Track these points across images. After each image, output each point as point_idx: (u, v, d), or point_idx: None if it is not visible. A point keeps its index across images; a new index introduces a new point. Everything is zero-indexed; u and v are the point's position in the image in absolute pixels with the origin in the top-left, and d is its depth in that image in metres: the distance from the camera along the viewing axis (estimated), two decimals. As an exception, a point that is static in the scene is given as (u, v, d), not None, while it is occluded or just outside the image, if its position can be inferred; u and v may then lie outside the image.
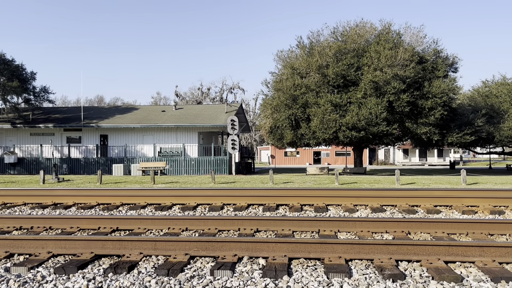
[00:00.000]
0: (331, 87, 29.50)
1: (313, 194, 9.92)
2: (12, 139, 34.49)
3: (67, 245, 5.40)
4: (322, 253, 5.05)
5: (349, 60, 28.58)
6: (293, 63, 30.85)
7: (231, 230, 6.80)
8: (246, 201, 9.66)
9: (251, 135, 78.05)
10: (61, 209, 9.58)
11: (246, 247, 5.18)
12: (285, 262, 4.82)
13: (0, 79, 31.16)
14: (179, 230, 6.78)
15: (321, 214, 8.73)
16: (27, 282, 4.45)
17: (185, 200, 9.88)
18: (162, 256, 5.25)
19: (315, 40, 31.63)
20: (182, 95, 76.05)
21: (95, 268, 4.89)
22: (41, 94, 34.96)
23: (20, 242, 5.48)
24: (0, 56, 31.79)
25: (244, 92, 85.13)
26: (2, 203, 10.23)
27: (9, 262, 5.14)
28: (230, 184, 17.65)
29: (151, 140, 33.24)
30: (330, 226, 6.62)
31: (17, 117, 33.75)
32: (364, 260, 5.04)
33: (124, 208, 9.56)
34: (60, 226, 7.10)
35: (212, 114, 34.90)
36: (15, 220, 7.27)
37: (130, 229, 6.96)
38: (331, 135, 28.08)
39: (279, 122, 30.27)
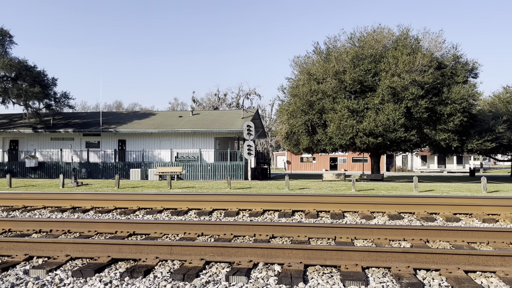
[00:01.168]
0: (348, 93, 29.32)
1: (330, 201, 9.84)
2: (33, 143, 35.21)
3: (85, 248, 5.46)
4: (339, 261, 5.00)
5: (366, 65, 28.40)
6: (309, 68, 30.79)
7: (246, 235, 6.79)
8: (261, 207, 9.64)
9: (267, 140, 78.04)
10: (80, 213, 9.71)
11: (261, 253, 5.16)
12: (301, 269, 4.78)
13: (22, 85, 31.87)
14: (194, 235, 6.80)
15: (338, 220, 8.65)
16: (45, 284, 4.52)
17: (201, 205, 9.92)
18: (178, 261, 5.27)
19: (332, 46, 31.54)
20: (199, 101, 76.65)
21: (112, 271, 4.93)
22: (61, 100, 35.60)
23: (39, 245, 5.57)
24: (23, 63, 32.55)
25: (260, 98, 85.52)
26: (23, 206, 10.43)
27: (28, 265, 5.23)
28: (246, 189, 17.66)
29: (168, 145, 33.51)
30: (346, 233, 6.55)
31: (38, 122, 34.46)
32: (381, 268, 4.96)
33: (141, 213, 9.64)
34: (78, 230, 7.20)
35: (228, 119, 35.04)
36: (34, 223, 7.40)
37: (146, 233, 7.01)
38: (348, 141, 27.86)
39: (295, 127, 30.19)
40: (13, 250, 5.55)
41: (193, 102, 74.97)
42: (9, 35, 33.21)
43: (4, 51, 33.00)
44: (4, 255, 5.51)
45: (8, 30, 32.92)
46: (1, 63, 30.14)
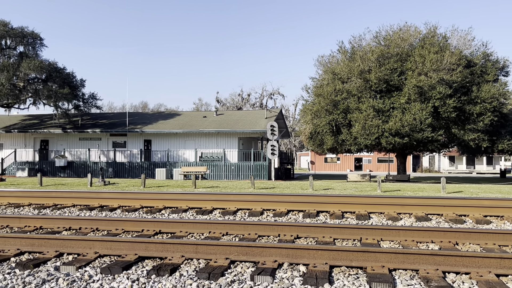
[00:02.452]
0: (373, 92, 28.93)
1: (355, 201, 9.73)
2: (63, 143, 36.19)
3: (113, 246, 5.57)
4: (365, 262, 4.93)
5: (392, 64, 27.97)
6: (334, 68, 30.55)
7: (271, 235, 6.78)
8: (286, 207, 9.62)
9: (291, 140, 77.81)
10: (107, 211, 9.92)
11: (286, 253, 5.15)
12: (326, 269, 4.75)
13: (52, 86, 32.80)
14: (219, 235, 6.84)
15: (363, 221, 8.54)
16: (75, 281, 4.63)
17: (225, 205, 9.97)
18: (203, 260, 5.31)
19: (357, 45, 31.20)
20: (222, 101, 77.14)
21: (139, 269, 5.01)
22: (89, 101, 36.47)
23: (69, 242, 5.72)
24: (53, 65, 33.51)
25: (284, 98, 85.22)
26: (53, 204, 10.73)
27: (58, 261, 5.37)
28: (270, 189, 17.65)
29: (192, 145, 33.85)
30: (372, 234, 6.46)
31: (67, 123, 35.40)
32: (408, 270, 4.87)
33: (167, 212, 9.77)
34: (106, 228, 7.35)
35: (252, 119, 35.11)
36: (64, 221, 7.60)
37: (172, 232, 7.10)
38: (373, 141, 27.49)
39: (320, 127, 29.99)
40: (44, 247, 5.71)
41: (217, 102, 75.52)
42: (40, 38, 34.25)
43: (35, 54, 34.04)
44: (36, 251, 5.68)
45: (39, 33, 33.97)
46: (32, 65, 31.09)
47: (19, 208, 10.53)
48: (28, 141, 36.54)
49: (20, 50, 34.07)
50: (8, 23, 32.50)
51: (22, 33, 33.05)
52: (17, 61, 32.38)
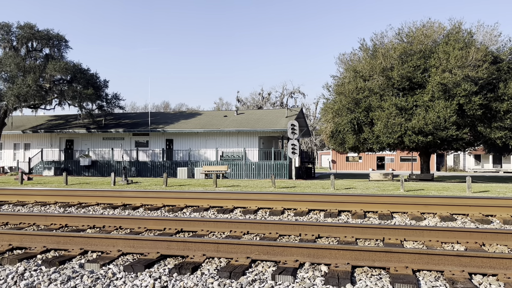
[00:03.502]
0: (395, 90, 28.49)
1: (377, 201, 9.60)
2: (87, 143, 36.95)
3: (136, 244, 5.64)
4: (388, 262, 4.85)
5: (415, 61, 27.47)
6: (355, 66, 30.21)
7: (292, 235, 6.75)
8: (306, 206, 9.56)
9: (312, 139, 77.38)
10: (130, 209, 10.07)
11: (307, 252, 5.11)
12: (348, 270, 4.69)
13: (77, 87, 33.48)
14: (240, 233, 6.84)
15: (386, 221, 8.41)
16: (99, 278, 4.71)
17: (246, 204, 9.98)
18: (224, 259, 5.33)
19: (379, 42, 30.76)
20: (243, 100, 77.28)
21: (161, 267, 5.06)
22: (112, 101, 37.06)
23: (93, 240, 5.82)
24: (77, 66, 34.20)
25: (304, 97, 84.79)
26: (78, 202, 10.96)
27: (83, 259, 5.48)
28: (290, 188, 17.59)
29: (213, 144, 34.05)
30: (395, 234, 6.36)
31: (91, 123, 36.11)
32: (433, 271, 4.77)
33: (188, 210, 9.85)
34: (129, 226, 7.46)
35: (272, 118, 35.07)
36: (89, 219, 7.75)
37: (193, 230, 7.15)
38: (396, 139, 27.06)
39: (341, 126, 29.71)
40: (69, 245, 5.83)
41: (238, 101, 75.70)
42: (65, 40, 35.02)
43: (60, 55, 34.83)
44: (62, 249, 5.80)
45: (63, 35, 34.74)
46: (58, 67, 31.81)
47: (45, 206, 10.80)
48: (54, 141, 37.45)
49: (46, 52, 34.92)
50: (34, 26, 33.35)
51: (48, 35, 33.86)
52: (43, 63, 33.20)
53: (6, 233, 6.14)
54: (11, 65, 31.06)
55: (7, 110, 33.41)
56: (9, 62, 31.15)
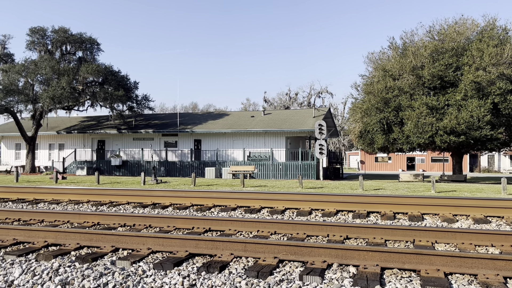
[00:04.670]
0: (426, 89, 27.85)
1: (407, 202, 9.40)
2: (118, 143, 37.84)
3: (165, 242, 5.74)
4: (418, 265, 4.75)
5: (447, 60, 26.77)
6: (384, 65, 29.70)
7: (319, 235, 6.70)
8: (334, 207, 9.47)
9: (339, 140, 76.59)
10: (159, 208, 10.24)
11: (335, 253, 5.06)
12: (377, 271, 4.62)
13: (108, 89, 34.37)
14: (267, 233, 6.85)
15: (416, 223, 8.23)
16: (130, 275, 4.81)
17: (273, 204, 9.98)
18: (252, 258, 5.34)
19: (409, 40, 30.15)
20: (270, 101, 77.31)
21: (189, 266, 5.12)
22: (142, 102, 37.87)
23: (124, 238, 5.96)
24: (108, 68, 35.12)
25: (332, 96, 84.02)
26: (109, 201, 11.24)
27: (114, 256, 5.61)
28: (318, 189, 17.47)
29: (240, 145, 34.20)
30: (426, 236, 6.21)
31: (122, 124, 36.98)
32: (466, 275, 4.63)
33: (216, 210, 9.93)
34: (158, 225, 7.59)
35: (299, 119, 34.92)
36: (120, 218, 7.93)
37: (221, 230, 7.20)
38: (427, 139, 26.44)
39: (370, 126, 29.28)
40: (101, 242, 5.98)
41: (265, 102, 75.78)
42: (97, 43, 36.01)
43: (93, 58, 35.84)
44: (94, 246, 5.96)
45: (96, 39, 35.74)
46: (90, 69, 32.75)
47: (78, 204, 11.13)
48: (86, 141, 38.55)
49: (79, 55, 36.04)
50: (68, 30, 34.45)
51: (81, 39, 34.91)
52: (76, 66, 34.25)
53: (41, 230, 6.36)
54: (46, 68, 32.18)
55: (43, 111, 34.65)
56: (45, 65, 32.28)
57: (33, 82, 33.97)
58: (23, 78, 33.55)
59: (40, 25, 34.47)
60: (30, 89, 33.94)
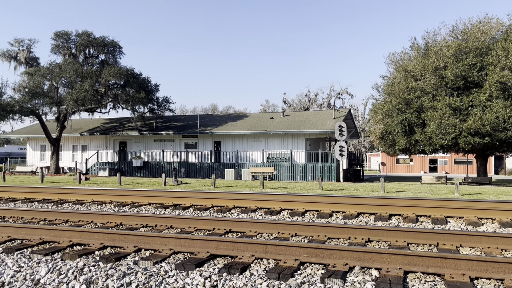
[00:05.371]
0: (449, 90, 27.31)
1: (430, 205, 9.24)
2: (139, 145, 38.37)
3: (186, 243, 5.79)
4: (443, 269, 4.67)
5: (471, 59, 26.19)
6: (406, 65, 29.26)
7: (341, 238, 6.65)
8: (356, 209, 9.38)
9: (360, 141, 75.83)
10: (180, 209, 10.34)
11: (357, 256, 5.02)
12: (400, 275, 4.55)
13: (130, 91, 34.91)
14: (288, 235, 6.84)
15: (440, 226, 8.09)
16: (152, 275, 4.87)
17: (293, 206, 9.95)
18: (273, 260, 5.34)
19: (431, 40, 29.62)
20: (289, 102, 77.14)
21: (211, 267, 5.16)
22: (163, 104, 38.31)
23: (147, 238, 6.04)
24: (130, 71, 35.66)
25: (352, 97, 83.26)
26: (131, 202, 11.41)
27: (137, 256, 5.69)
28: (338, 191, 17.33)
29: (260, 146, 34.23)
30: (450, 239, 6.09)
31: (143, 125, 37.49)
32: (492, 279, 4.53)
33: (236, 211, 9.97)
34: (179, 226, 7.66)
35: (319, 120, 34.73)
36: (142, 218, 8.04)
37: (241, 231, 7.22)
38: (450, 141, 25.92)
39: (391, 127, 28.88)
40: (124, 242, 6.08)
41: (284, 103, 75.65)
42: (119, 46, 36.64)
43: (115, 61, 36.47)
44: (117, 246, 6.06)
45: (118, 42, 36.37)
46: (112, 72, 33.32)
47: (101, 205, 11.33)
48: (108, 142, 39.21)
49: (102, 58, 36.72)
50: (91, 34, 35.15)
51: (103, 42, 35.57)
52: (99, 69, 34.91)
53: (67, 230, 6.50)
54: (70, 71, 32.90)
55: (67, 113, 35.42)
56: (69, 69, 33.01)
57: (57, 85, 34.79)
58: (48, 81, 34.40)
59: (64, 29, 35.31)
60: (55, 91, 34.76)
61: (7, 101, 32.88)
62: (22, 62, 36.02)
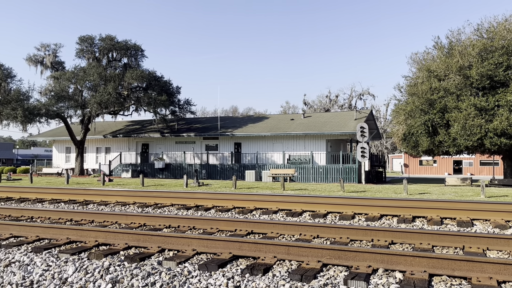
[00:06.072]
0: (474, 90, 26.72)
1: (455, 207, 9.07)
2: (161, 147, 38.86)
3: (209, 244, 5.84)
4: (469, 272, 4.58)
5: (497, 58, 25.56)
6: (429, 65, 28.77)
7: (363, 240, 6.59)
8: (378, 211, 9.28)
9: (382, 142, 74.87)
10: (202, 210, 10.43)
11: (381, 258, 4.97)
12: (425, 278, 4.49)
13: (152, 94, 35.41)
14: (310, 237, 6.81)
15: (466, 229, 7.92)
16: (176, 275, 4.94)
17: (315, 208, 9.91)
18: (295, 261, 5.34)
19: (455, 39, 29.04)
20: (310, 103, 76.78)
21: (233, 267, 5.19)
22: (184, 106, 38.71)
23: (170, 239, 6.12)
24: (152, 74, 36.18)
25: (374, 98, 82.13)
26: (154, 203, 11.57)
27: (161, 256, 5.77)
28: (360, 193, 17.16)
29: (280, 148, 34.19)
30: (477, 242, 5.97)
31: (165, 127, 37.96)
32: (521, 284, 4.42)
33: (257, 212, 9.99)
34: (201, 227, 7.73)
35: (340, 121, 34.46)
36: (165, 219, 8.14)
37: (263, 232, 7.24)
38: (475, 142, 25.34)
39: (414, 128, 28.43)
40: (148, 243, 6.17)
41: (304, 104, 75.37)
42: (141, 50, 37.21)
43: (137, 64, 37.05)
44: (141, 246, 6.16)
45: (140, 45, 36.94)
46: (135, 75, 33.87)
47: (125, 206, 11.53)
48: (131, 144, 39.84)
49: (124, 62, 37.38)
50: (114, 38, 35.82)
51: (126, 46, 36.19)
52: (121, 72, 35.54)
53: (92, 230, 6.65)
54: (94, 74, 33.61)
55: (91, 116, 36.17)
56: (93, 72, 33.72)
57: (82, 88, 35.57)
58: (72, 85, 35.21)
59: (88, 34, 36.08)
60: (79, 95, 35.56)
61: (34, 105, 33.81)
62: (48, 66, 36.99)
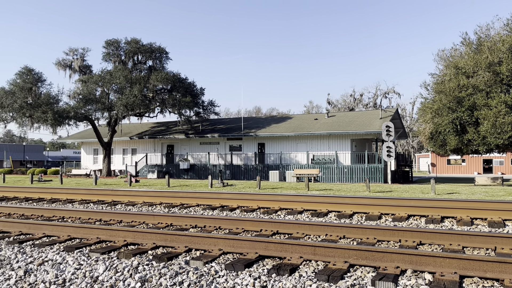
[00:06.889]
0: (505, 86, 25.91)
1: (485, 207, 8.83)
2: (186, 147, 39.28)
3: (235, 244, 5.88)
4: (502, 274, 4.46)
5: (528, 53, 24.74)
6: (457, 62, 28.06)
7: (391, 241, 6.50)
8: (405, 212, 9.13)
9: (408, 141, 73.53)
10: (227, 211, 10.50)
11: (409, 259, 4.89)
12: (456, 279, 4.40)
13: (176, 95, 35.85)
14: (336, 238, 6.77)
15: (497, 229, 7.71)
16: (203, 275, 4.99)
17: (340, 208, 9.84)
18: (321, 262, 5.32)
19: (484, 35, 28.23)
20: (334, 103, 76.11)
21: (260, 267, 5.21)
22: (208, 107, 39.01)
23: (196, 239, 6.19)
24: (176, 76, 36.62)
25: (399, 97, 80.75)
26: (180, 203, 11.72)
27: (188, 256, 5.85)
28: (386, 193, 16.91)
29: (304, 148, 34.03)
30: (509, 243, 5.80)
31: (189, 129, 38.36)
32: (557, 287, 4.27)
33: (282, 213, 9.99)
34: (227, 227, 7.79)
35: (365, 120, 34.03)
36: (191, 219, 8.24)
37: (289, 233, 7.23)
38: (507, 140, 24.56)
39: (441, 127, 27.78)
40: (175, 242, 6.26)
41: (328, 104, 74.74)
42: (166, 52, 37.72)
43: (162, 67, 37.58)
44: (169, 246, 6.26)
45: (164, 48, 37.45)
46: (160, 77, 34.37)
47: (152, 206, 11.72)
48: (156, 146, 40.44)
49: (149, 64, 37.97)
50: (139, 41, 36.44)
51: (151, 48, 36.77)
52: (146, 74, 36.12)
53: (121, 230, 6.80)
54: (120, 77, 34.28)
55: (117, 118, 36.92)
56: (119, 75, 34.40)
57: (108, 91, 36.34)
58: (100, 88, 36.02)
59: (114, 38, 36.82)
60: (106, 97, 36.33)
61: (63, 108, 34.77)
62: (76, 70, 37.95)
